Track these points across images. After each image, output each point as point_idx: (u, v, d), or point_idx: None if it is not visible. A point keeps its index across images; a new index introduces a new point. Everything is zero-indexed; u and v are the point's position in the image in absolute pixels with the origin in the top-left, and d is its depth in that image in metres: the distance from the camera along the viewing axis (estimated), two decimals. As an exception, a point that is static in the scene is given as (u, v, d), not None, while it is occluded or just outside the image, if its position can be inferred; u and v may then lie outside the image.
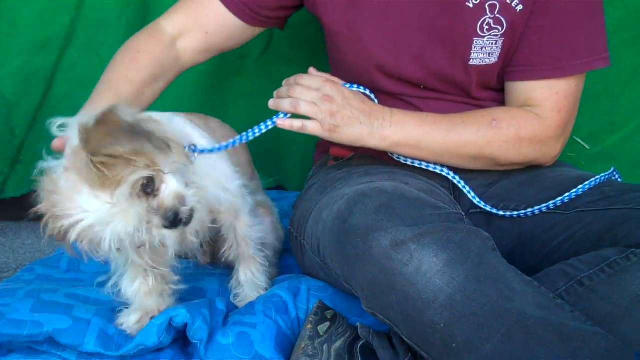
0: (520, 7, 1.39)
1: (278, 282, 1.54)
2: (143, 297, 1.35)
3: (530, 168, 1.52)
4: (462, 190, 1.49)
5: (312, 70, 1.46)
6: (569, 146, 1.53)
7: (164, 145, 1.11)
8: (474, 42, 1.43)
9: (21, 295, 1.38)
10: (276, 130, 1.44)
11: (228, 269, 1.55)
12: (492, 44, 1.43)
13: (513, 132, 1.43)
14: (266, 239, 1.53)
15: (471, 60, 1.45)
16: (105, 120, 1.06)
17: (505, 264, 1.13)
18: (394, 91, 1.54)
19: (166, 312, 1.31)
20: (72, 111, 2.13)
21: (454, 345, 1.07)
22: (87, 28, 2.06)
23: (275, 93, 1.45)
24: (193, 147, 1.28)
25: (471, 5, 1.40)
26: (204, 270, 1.65)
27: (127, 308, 1.36)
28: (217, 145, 1.35)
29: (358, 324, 1.31)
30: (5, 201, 2.22)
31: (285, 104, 1.39)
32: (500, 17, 1.40)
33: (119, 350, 1.27)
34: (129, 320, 1.33)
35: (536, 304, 1.08)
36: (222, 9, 1.56)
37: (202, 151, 1.31)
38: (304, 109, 1.37)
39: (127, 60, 1.50)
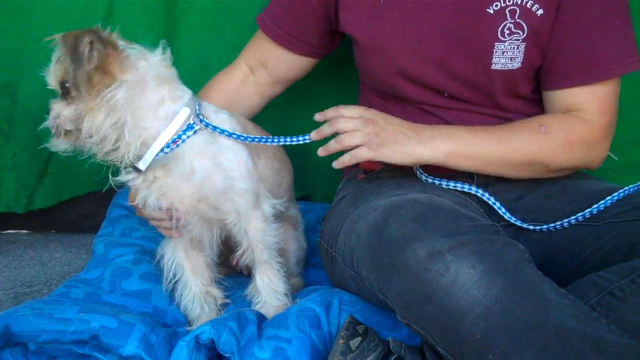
0: (540, 12, 1.42)
1: (306, 293, 1.55)
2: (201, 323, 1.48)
3: (557, 181, 1.52)
4: (490, 206, 1.49)
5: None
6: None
7: (84, 80, 1.35)
8: (495, 47, 1.45)
9: (69, 303, 1.44)
10: (305, 144, 1.46)
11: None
12: (514, 48, 1.45)
13: (562, 136, 1.45)
14: (283, 245, 1.56)
15: (493, 65, 1.47)
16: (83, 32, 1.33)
17: (541, 276, 1.13)
18: (418, 99, 1.55)
19: (192, 332, 1.32)
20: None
21: (490, 356, 1.07)
22: (113, 44, 2.08)
23: (317, 133, 1.46)
24: (201, 118, 1.39)
25: (491, 11, 1.42)
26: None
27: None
28: (230, 131, 1.43)
29: (389, 338, 1.31)
30: (33, 212, 2.24)
31: (332, 145, 1.42)
32: (520, 21, 1.43)
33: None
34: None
35: (573, 317, 1.07)
36: (272, 44, 1.69)
37: (207, 124, 1.41)
38: (348, 142, 1.39)
39: (201, 96, 1.70)
